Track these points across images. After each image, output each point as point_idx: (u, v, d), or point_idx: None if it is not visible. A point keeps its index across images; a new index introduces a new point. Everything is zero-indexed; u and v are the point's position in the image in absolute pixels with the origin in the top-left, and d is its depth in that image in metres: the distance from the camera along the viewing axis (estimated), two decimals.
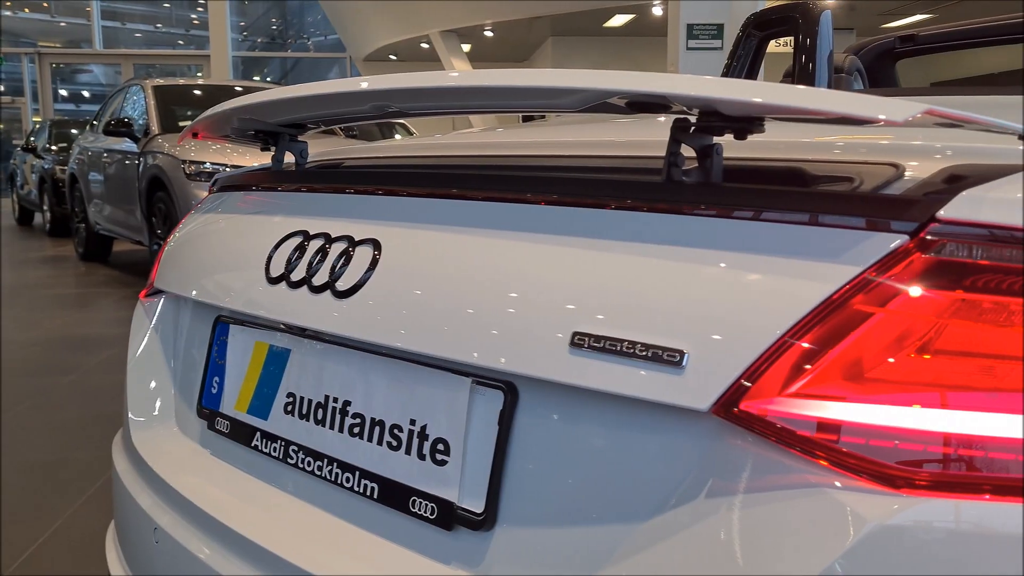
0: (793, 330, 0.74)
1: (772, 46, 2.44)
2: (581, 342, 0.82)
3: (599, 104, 0.94)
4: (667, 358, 0.77)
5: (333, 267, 1.06)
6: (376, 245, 1.03)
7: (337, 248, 1.07)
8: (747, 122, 0.87)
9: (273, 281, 1.14)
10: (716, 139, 0.89)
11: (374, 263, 1.02)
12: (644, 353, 0.78)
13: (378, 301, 1.00)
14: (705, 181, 0.86)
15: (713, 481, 0.77)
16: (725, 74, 2.36)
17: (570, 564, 0.84)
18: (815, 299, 0.74)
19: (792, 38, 2.17)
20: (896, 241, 0.74)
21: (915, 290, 0.73)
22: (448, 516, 0.93)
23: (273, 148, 1.40)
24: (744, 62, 2.34)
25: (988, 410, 0.69)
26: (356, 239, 1.06)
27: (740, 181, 0.89)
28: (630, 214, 0.87)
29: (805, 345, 0.74)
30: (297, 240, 1.14)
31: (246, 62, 29.09)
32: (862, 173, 0.88)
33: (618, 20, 17.34)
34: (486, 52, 21.17)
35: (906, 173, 0.86)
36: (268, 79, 27.29)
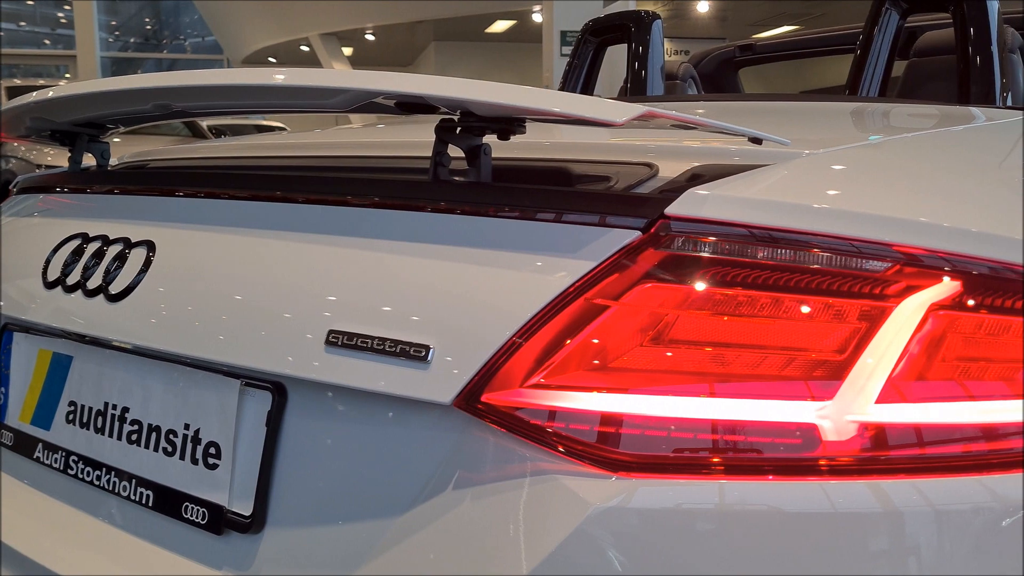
0: (529, 324, 0.76)
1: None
2: (336, 340, 0.82)
3: (367, 104, 0.94)
4: (413, 353, 0.78)
5: (107, 270, 1.03)
6: (151, 247, 1.01)
7: (113, 251, 1.05)
8: (506, 123, 0.89)
9: (50, 286, 1.10)
10: (485, 139, 0.91)
11: (147, 265, 1.00)
12: (393, 349, 0.79)
13: (149, 304, 0.98)
14: (459, 181, 0.88)
15: (460, 473, 0.78)
16: (564, 80, 2.42)
17: (333, 563, 0.84)
18: (551, 294, 0.76)
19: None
20: (628, 237, 0.77)
21: (645, 283, 0.76)
22: (218, 520, 0.91)
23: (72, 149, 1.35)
24: (581, 68, 2.39)
25: (708, 396, 0.73)
26: (132, 241, 1.04)
27: (506, 181, 0.91)
28: (389, 213, 0.88)
29: (542, 338, 0.76)
30: (76, 243, 1.11)
31: (118, 63, 27.92)
32: (619, 173, 0.91)
33: (500, 26, 17.50)
34: (368, 56, 21.00)
35: (659, 173, 0.90)
36: None
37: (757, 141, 0.88)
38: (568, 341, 0.76)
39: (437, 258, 0.83)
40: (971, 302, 0.75)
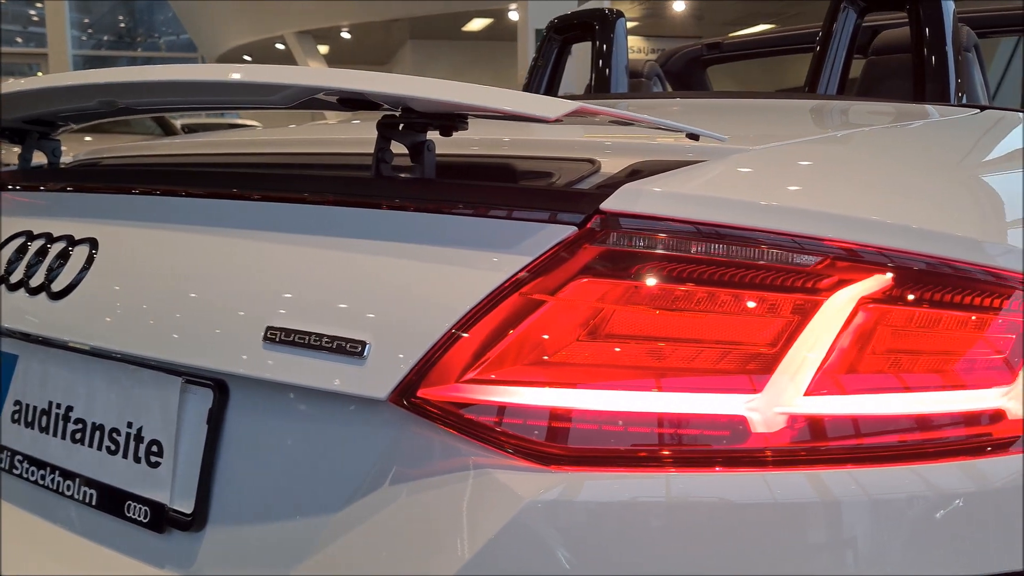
0: (464, 319, 0.76)
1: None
2: (273, 336, 0.82)
3: (310, 100, 0.94)
4: (350, 349, 0.78)
5: (50, 268, 1.02)
6: (94, 244, 1.01)
7: (56, 248, 1.04)
8: (448, 119, 0.90)
9: None
10: (429, 135, 0.91)
11: (89, 263, 0.99)
12: (329, 345, 0.79)
13: (91, 302, 0.97)
14: (399, 177, 0.88)
15: (398, 468, 0.78)
16: (529, 78, 2.42)
17: (273, 560, 0.84)
18: (487, 289, 0.77)
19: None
20: (565, 232, 0.78)
21: (580, 278, 0.76)
22: (160, 519, 0.91)
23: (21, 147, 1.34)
24: (546, 66, 2.39)
25: (640, 390, 0.74)
26: (76, 239, 1.03)
27: (450, 177, 0.91)
28: (331, 209, 0.88)
29: (478, 333, 0.76)
30: (20, 241, 1.10)
31: (91, 61, 27.64)
32: (561, 169, 0.92)
33: (476, 24, 17.48)
34: (345, 54, 20.91)
35: (601, 169, 0.91)
36: None
37: (694, 137, 0.89)
38: (504, 336, 0.76)
39: (377, 254, 0.83)
40: (901, 296, 0.76)
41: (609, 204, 0.77)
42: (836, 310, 0.75)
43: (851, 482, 0.73)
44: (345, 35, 18.82)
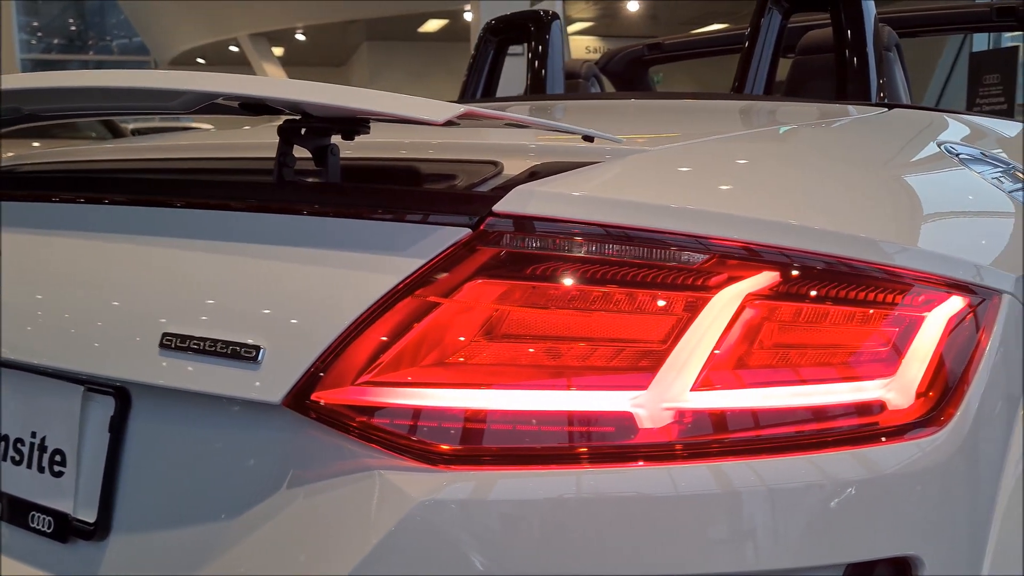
0: (357, 322, 0.77)
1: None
2: (169, 343, 0.82)
3: (210, 106, 0.94)
4: (244, 354, 0.78)
5: None
6: None
7: None
8: (349, 123, 0.90)
9: None
10: (333, 140, 0.92)
11: None
12: (225, 350, 0.79)
13: None
14: (298, 182, 0.88)
15: (295, 472, 0.79)
16: (466, 81, 2.43)
17: (174, 567, 0.84)
18: (380, 292, 0.77)
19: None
20: (458, 234, 0.78)
21: (473, 280, 0.77)
22: (64, 528, 0.90)
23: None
24: (482, 68, 2.40)
25: (530, 388, 0.75)
26: None
27: (355, 180, 0.91)
28: (229, 215, 0.88)
29: (373, 336, 0.77)
30: None
31: (40, 65, 27.14)
32: (464, 171, 0.92)
33: (432, 25, 17.45)
34: (300, 56, 20.74)
35: (504, 171, 0.91)
36: None
37: (589, 139, 0.90)
38: (399, 338, 0.77)
39: (274, 259, 0.83)
40: (788, 292, 0.78)
41: (501, 206, 0.78)
42: (722, 307, 0.77)
43: (739, 473, 0.75)
44: (300, 37, 18.69)
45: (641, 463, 0.73)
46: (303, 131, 0.90)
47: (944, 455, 0.78)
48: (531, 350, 0.77)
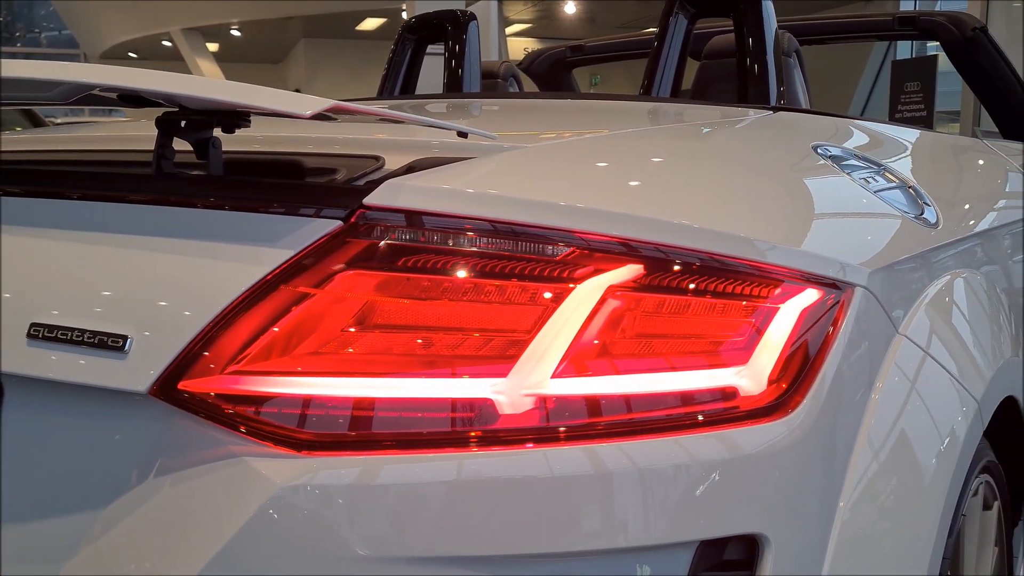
0: (225, 312, 0.78)
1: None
2: (36, 333, 0.82)
3: (91, 97, 0.94)
4: (111, 344, 0.79)
5: None
6: None
7: None
8: (229, 117, 0.91)
9: None
10: (216, 133, 0.92)
11: None
12: (92, 340, 0.80)
13: None
14: (173, 174, 0.89)
15: (162, 461, 0.79)
16: (383, 79, 2.44)
17: (44, 560, 0.84)
18: (249, 282, 0.79)
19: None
20: (329, 227, 0.80)
21: (343, 271, 0.79)
22: None
23: None
24: (400, 67, 2.41)
25: (394, 376, 0.77)
26: None
27: (236, 173, 0.92)
28: (100, 205, 0.88)
29: (242, 326, 0.78)
30: None
31: None
32: (345, 165, 0.94)
33: (370, 23, 17.33)
34: (236, 52, 20.40)
35: (384, 165, 0.93)
36: None
37: (464, 135, 0.93)
38: (268, 328, 0.78)
39: (145, 250, 0.84)
40: (650, 284, 0.82)
41: (372, 199, 0.80)
42: (583, 297, 0.80)
43: (599, 456, 0.77)
44: (235, 33, 18.39)
45: (498, 447, 0.76)
46: (183, 124, 0.91)
47: (792, 440, 0.82)
48: (398, 340, 0.79)
